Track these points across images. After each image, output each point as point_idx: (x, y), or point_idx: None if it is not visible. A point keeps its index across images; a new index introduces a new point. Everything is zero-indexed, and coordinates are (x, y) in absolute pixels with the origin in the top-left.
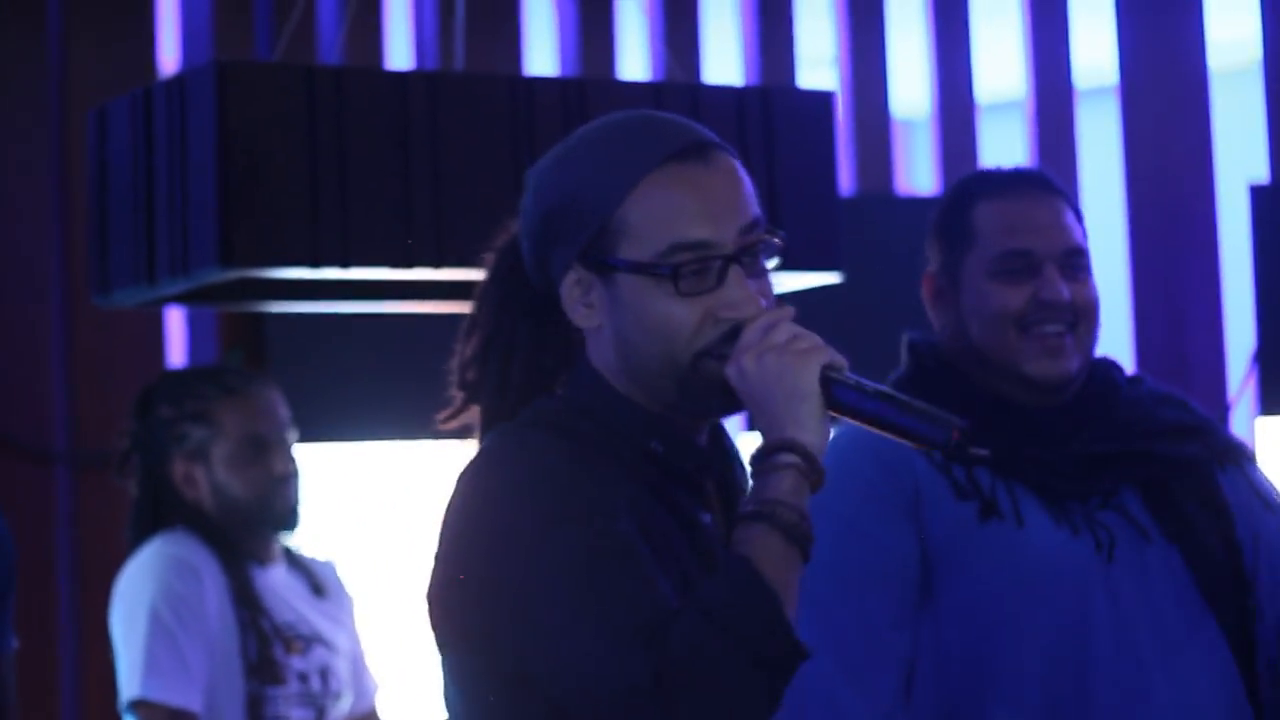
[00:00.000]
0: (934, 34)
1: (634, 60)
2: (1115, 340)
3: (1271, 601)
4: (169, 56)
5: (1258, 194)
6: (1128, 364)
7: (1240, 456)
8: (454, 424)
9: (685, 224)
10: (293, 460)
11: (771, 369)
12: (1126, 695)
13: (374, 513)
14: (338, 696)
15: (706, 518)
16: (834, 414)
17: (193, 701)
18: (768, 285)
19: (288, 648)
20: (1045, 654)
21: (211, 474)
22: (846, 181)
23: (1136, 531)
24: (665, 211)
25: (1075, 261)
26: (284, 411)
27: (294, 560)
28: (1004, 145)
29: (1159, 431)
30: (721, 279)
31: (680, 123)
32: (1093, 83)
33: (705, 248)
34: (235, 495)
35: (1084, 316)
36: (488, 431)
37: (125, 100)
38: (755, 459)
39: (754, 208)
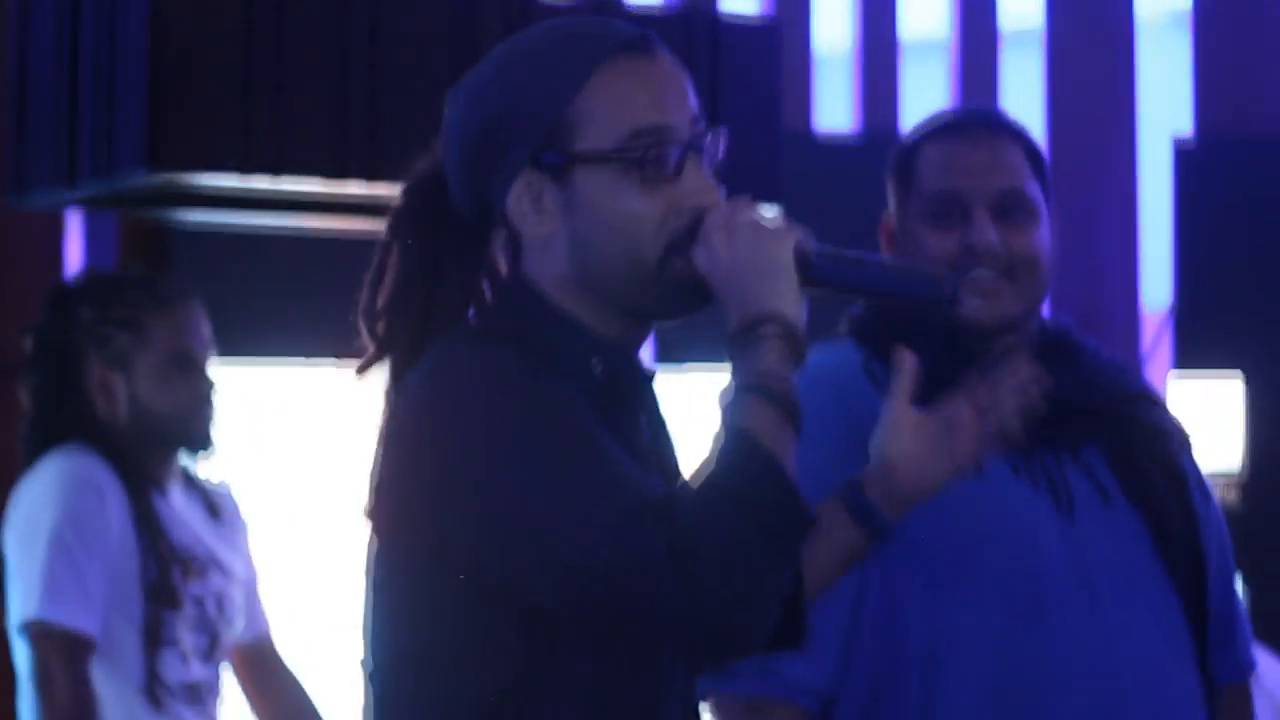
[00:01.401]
0: None
1: None
2: None
3: (1215, 581)
4: None
5: (1181, 149)
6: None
7: (1185, 440)
8: (366, 373)
9: (643, 110)
10: (213, 380)
11: (744, 246)
12: (1084, 654)
13: (273, 435)
14: (231, 622)
15: (645, 436)
16: (813, 287)
17: (91, 625)
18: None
19: (185, 571)
20: (1000, 608)
21: (132, 385)
22: None
23: (1098, 492)
24: (622, 99)
25: (1013, 204)
26: (208, 329)
27: (190, 482)
28: (925, 87)
29: (1127, 395)
30: (680, 168)
31: (619, 22)
32: (1018, 26)
33: (664, 133)
34: (156, 410)
35: (1022, 263)
36: (402, 374)
37: None
38: (736, 335)
39: (696, 101)
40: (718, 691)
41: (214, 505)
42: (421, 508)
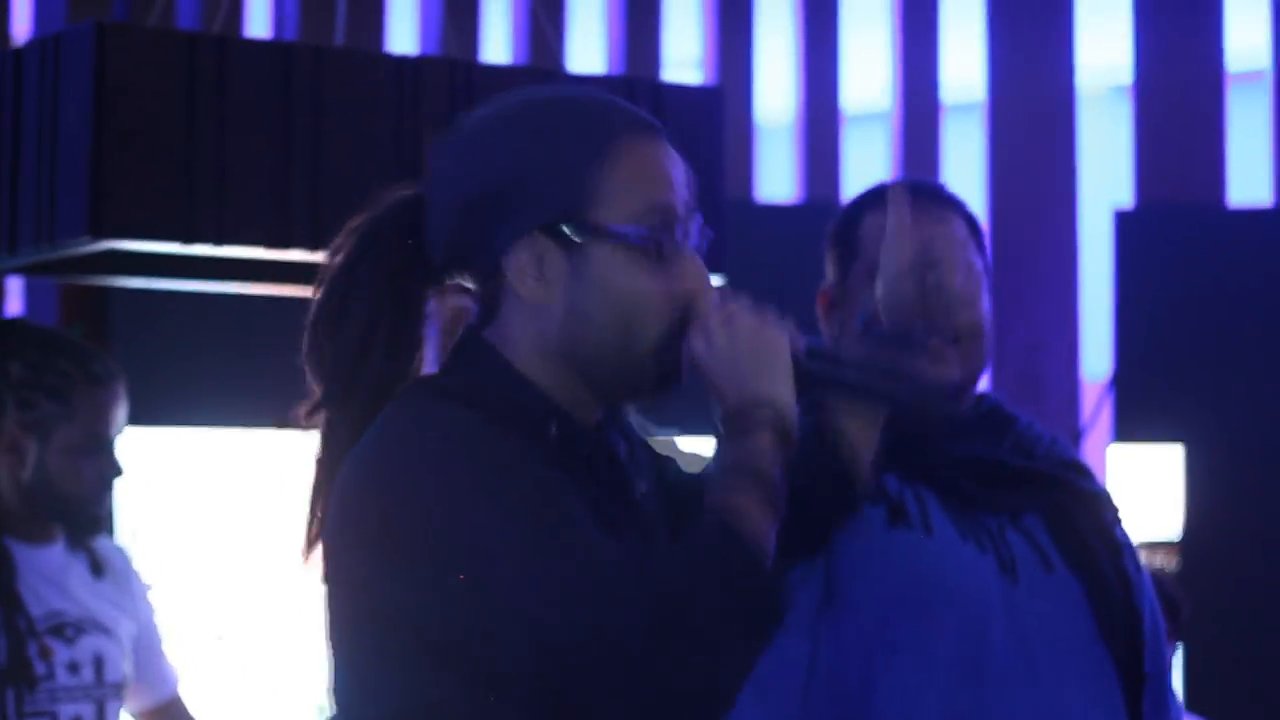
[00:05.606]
0: (802, 41)
1: (497, 46)
2: None
3: (1150, 647)
4: (22, 24)
5: (1121, 219)
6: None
7: (1116, 509)
8: (314, 421)
9: (658, 190)
10: (119, 466)
11: (743, 331)
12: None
13: (211, 500)
14: (118, 687)
15: (603, 508)
16: (807, 384)
17: None
18: None
19: (44, 651)
20: (944, 666)
21: (45, 454)
22: None
23: (1039, 557)
24: (640, 178)
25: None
26: (125, 411)
27: (76, 541)
28: (868, 157)
29: (1062, 462)
30: (681, 251)
31: (624, 101)
32: (960, 98)
33: (673, 214)
34: (61, 486)
35: (966, 333)
36: (338, 414)
37: None
38: (728, 419)
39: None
40: None
41: (98, 564)
42: (373, 570)
